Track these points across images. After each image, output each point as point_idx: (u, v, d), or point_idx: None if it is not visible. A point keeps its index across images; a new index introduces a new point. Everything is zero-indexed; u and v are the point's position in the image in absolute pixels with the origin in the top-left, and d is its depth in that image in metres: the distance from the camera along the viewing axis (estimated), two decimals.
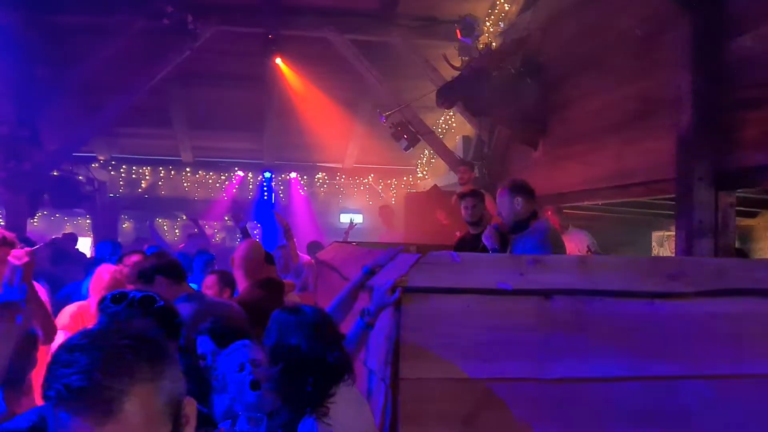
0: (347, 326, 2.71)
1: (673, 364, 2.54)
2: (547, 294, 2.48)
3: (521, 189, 4.07)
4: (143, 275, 3.16)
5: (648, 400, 2.55)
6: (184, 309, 2.86)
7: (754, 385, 2.57)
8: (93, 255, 8.05)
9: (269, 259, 4.52)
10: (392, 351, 2.38)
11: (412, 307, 2.40)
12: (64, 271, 6.31)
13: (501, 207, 4.09)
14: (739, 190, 4.61)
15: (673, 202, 4.88)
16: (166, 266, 3.27)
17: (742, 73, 4.23)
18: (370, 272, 2.75)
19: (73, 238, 9.21)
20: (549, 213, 6.86)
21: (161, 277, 3.14)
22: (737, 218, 6.86)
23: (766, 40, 4.01)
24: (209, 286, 3.95)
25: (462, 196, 5.32)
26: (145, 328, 1.03)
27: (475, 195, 5.11)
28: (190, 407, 1.02)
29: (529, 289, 2.46)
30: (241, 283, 3.73)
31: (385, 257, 2.76)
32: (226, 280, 3.98)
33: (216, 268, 5.27)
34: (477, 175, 8.29)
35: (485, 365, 2.44)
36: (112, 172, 11.84)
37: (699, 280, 2.53)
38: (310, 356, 2.22)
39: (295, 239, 6.62)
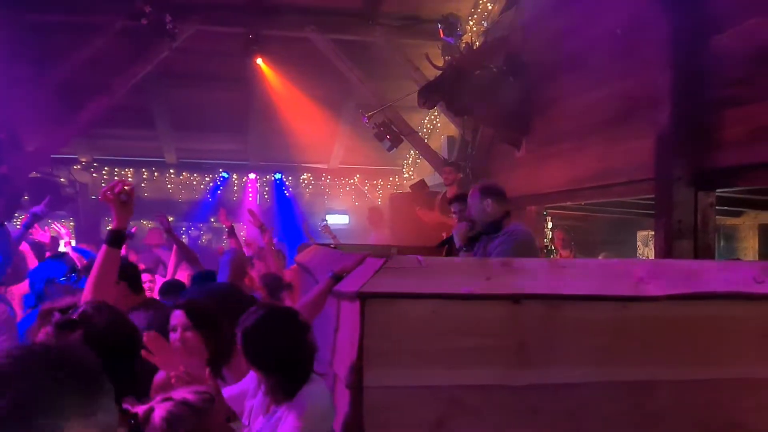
0: (319, 336, 2.65)
1: (646, 368, 2.49)
2: (516, 298, 2.42)
3: (491, 191, 4.16)
4: None
5: (621, 405, 2.50)
6: (140, 318, 2.83)
7: (728, 389, 2.53)
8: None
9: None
10: (356, 358, 2.32)
11: (376, 312, 2.33)
12: None
13: (472, 209, 4.16)
14: (719, 190, 4.58)
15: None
16: (130, 274, 3.21)
17: (720, 71, 4.20)
18: (335, 278, 2.68)
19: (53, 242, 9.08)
20: (558, 235, 6.96)
21: (124, 284, 3.07)
22: (722, 218, 6.88)
23: (743, 37, 3.97)
24: None
25: (449, 202, 5.28)
26: (79, 357, 0.96)
27: (460, 199, 5.02)
28: None
29: (497, 294, 2.40)
30: None
31: (352, 262, 2.69)
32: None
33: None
34: (462, 175, 8.23)
35: (453, 372, 2.38)
36: (94, 174, 11.70)
37: (671, 283, 2.47)
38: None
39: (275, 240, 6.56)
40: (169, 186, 12.09)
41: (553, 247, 7.08)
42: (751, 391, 2.55)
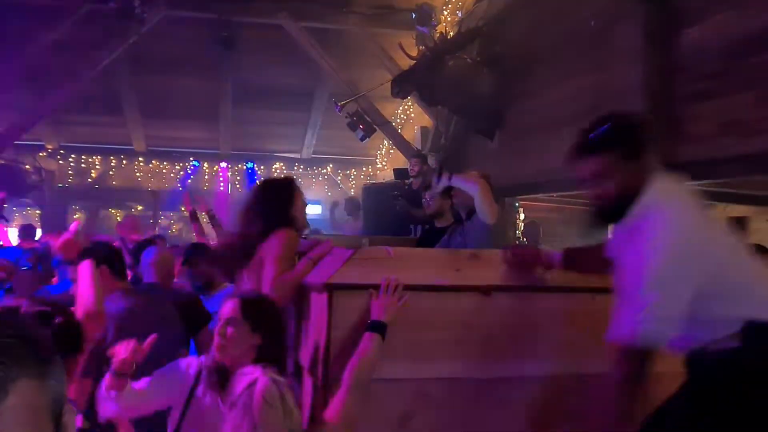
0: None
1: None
2: (485, 290, 2.39)
3: None
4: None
5: (588, 397, 2.49)
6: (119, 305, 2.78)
7: None
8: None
9: None
10: (323, 350, 2.27)
11: (344, 304, 2.29)
12: None
13: (461, 195, 4.02)
14: (690, 183, 4.61)
15: None
16: (112, 259, 3.10)
17: (691, 65, 4.22)
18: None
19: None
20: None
21: (106, 268, 2.96)
22: None
23: (713, 31, 3.99)
24: None
25: (423, 188, 5.19)
26: (28, 325, 0.97)
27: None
28: (70, 416, 0.95)
29: (466, 285, 2.37)
30: None
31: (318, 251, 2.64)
32: None
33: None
34: (430, 166, 8.18)
35: (421, 365, 2.34)
36: (61, 162, 11.43)
37: None
38: None
39: None
40: (138, 174, 11.87)
41: (524, 240, 7.09)
42: None
